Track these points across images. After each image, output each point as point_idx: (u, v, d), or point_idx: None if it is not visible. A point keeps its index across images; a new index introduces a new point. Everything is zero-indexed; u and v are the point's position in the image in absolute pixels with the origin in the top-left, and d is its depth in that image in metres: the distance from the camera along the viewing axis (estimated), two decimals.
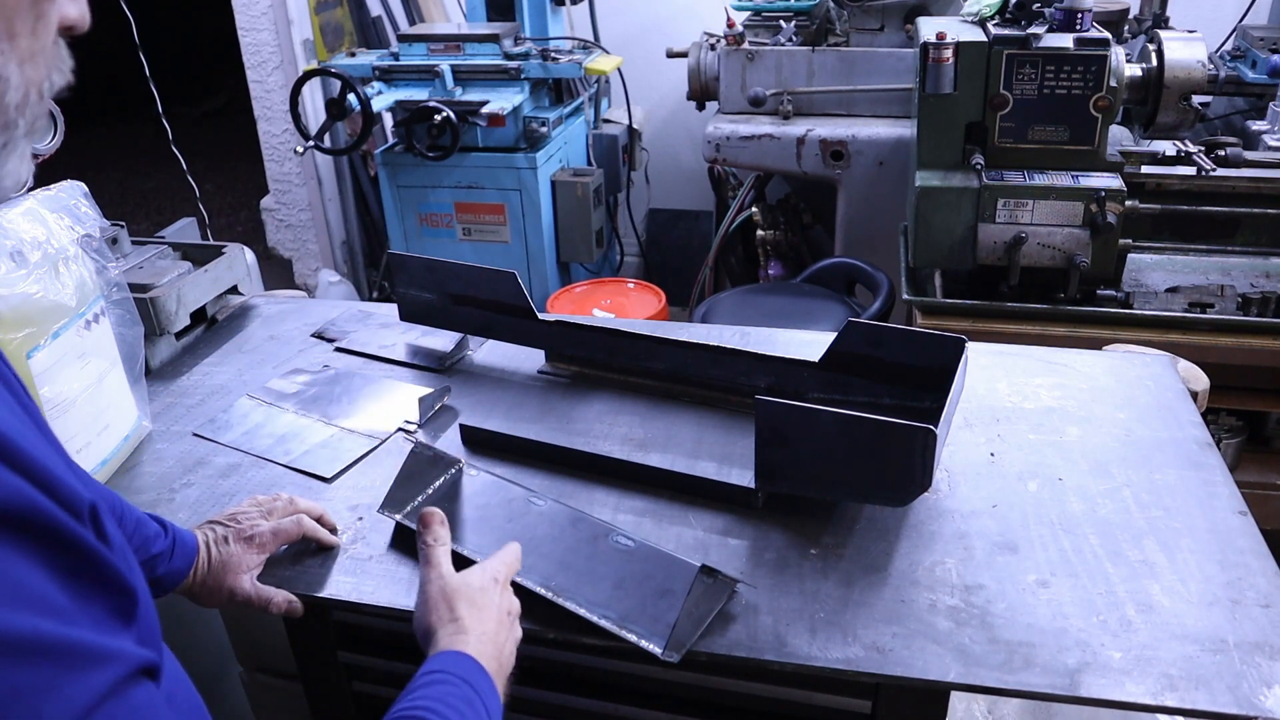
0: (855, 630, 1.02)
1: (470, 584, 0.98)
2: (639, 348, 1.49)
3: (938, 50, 2.18)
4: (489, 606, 0.97)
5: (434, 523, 1.04)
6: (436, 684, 0.86)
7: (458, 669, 0.88)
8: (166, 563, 1.06)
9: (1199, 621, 1.02)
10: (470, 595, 0.97)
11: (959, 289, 2.43)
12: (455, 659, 0.90)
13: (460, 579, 0.99)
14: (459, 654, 0.91)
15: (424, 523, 1.04)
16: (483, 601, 0.97)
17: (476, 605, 0.96)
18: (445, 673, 0.87)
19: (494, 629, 0.95)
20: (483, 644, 0.93)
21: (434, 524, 1.04)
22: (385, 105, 3.28)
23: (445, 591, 0.97)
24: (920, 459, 1.08)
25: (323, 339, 1.71)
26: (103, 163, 6.41)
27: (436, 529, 1.04)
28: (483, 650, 0.92)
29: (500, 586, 1.00)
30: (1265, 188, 2.22)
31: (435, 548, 1.02)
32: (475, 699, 0.85)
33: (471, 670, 0.89)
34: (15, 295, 1.15)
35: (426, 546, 1.02)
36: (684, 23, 3.85)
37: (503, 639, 0.96)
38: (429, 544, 1.02)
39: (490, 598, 0.98)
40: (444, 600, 0.96)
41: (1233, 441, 2.32)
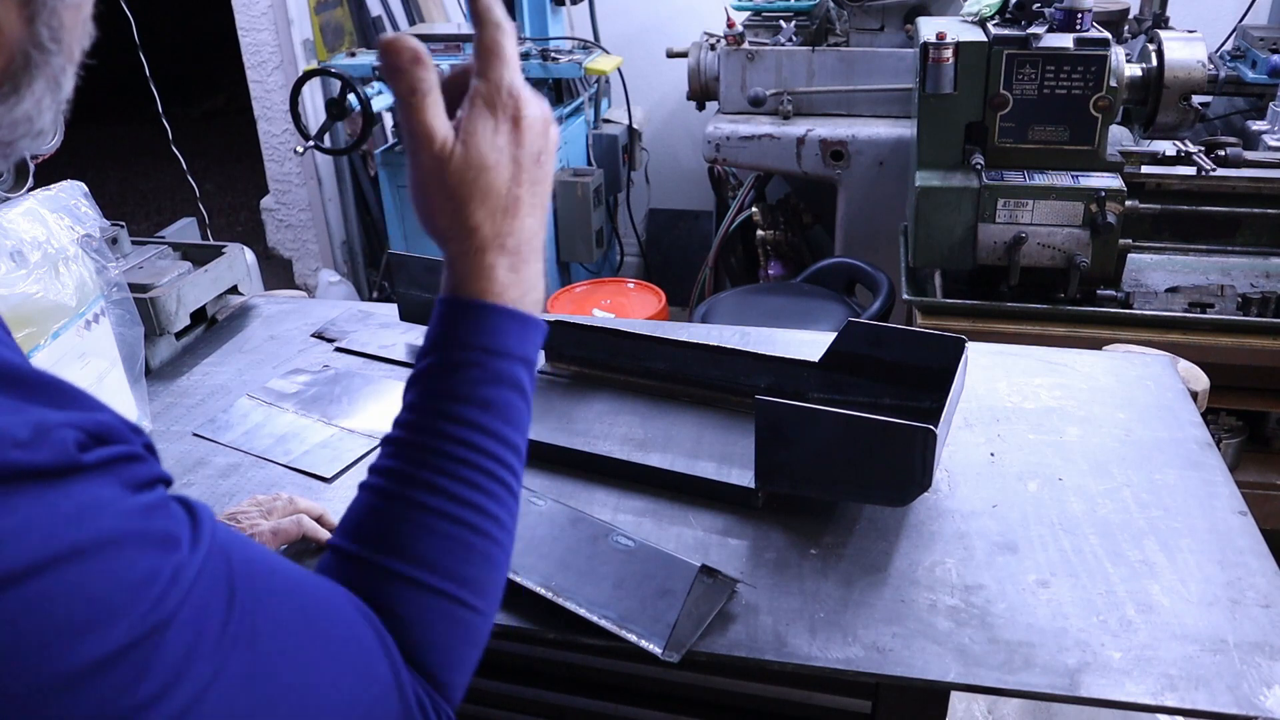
0: (855, 630, 1.02)
1: (481, 161, 0.68)
2: (639, 348, 1.49)
3: (938, 50, 2.18)
4: (511, 180, 0.69)
5: (404, 61, 0.65)
6: (460, 368, 0.68)
7: (483, 338, 0.69)
8: None
9: (1199, 621, 1.02)
10: (486, 184, 0.68)
11: (959, 289, 2.43)
12: (478, 319, 0.69)
13: (464, 156, 0.68)
14: (481, 308, 0.69)
15: (389, 65, 0.65)
16: (501, 181, 0.69)
17: (493, 193, 0.69)
18: (467, 348, 0.69)
19: (523, 214, 0.71)
20: (511, 257, 0.70)
21: (404, 64, 0.65)
22: (385, 105, 3.28)
23: (446, 184, 0.68)
24: (920, 459, 1.08)
25: (323, 339, 1.71)
26: (103, 163, 6.41)
27: (412, 72, 0.65)
28: (514, 265, 0.70)
29: (520, 125, 0.70)
30: (1265, 188, 2.22)
31: (417, 103, 0.66)
32: (507, 370, 0.69)
33: (501, 330, 0.69)
34: (15, 295, 1.15)
35: (405, 104, 0.66)
36: (684, 23, 3.85)
37: (531, 206, 0.71)
38: (406, 99, 0.66)
39: (506, 169, 0.69)
40: (448, 198, 0.68)
41: (1233, 441, 2.32)
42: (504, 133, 0.69)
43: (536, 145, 0.71)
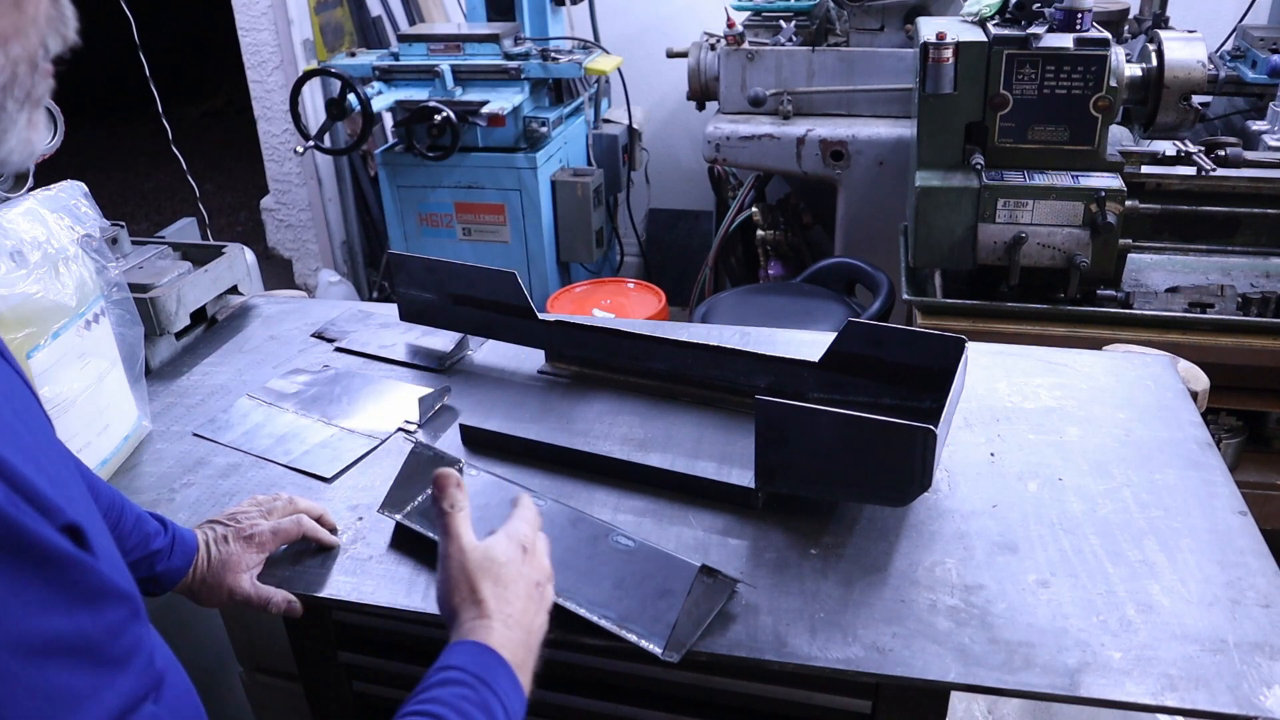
0: (855, 630, 1.02)
1: (494, 558, 0.89)
2: (639, 348, 1.49)
3: (938, 50, 2.18)
4: (515, 581, 0.89)
5: (449, 486, 0.92)
6: (451, 684, 0.80)
7: (475, 665, 0.82)
8: (166, 560, 1.06)
9: (1199, 621, 1.02)
10: (495, 571, 0.88)
11: (959, 289, 2.43)
12: (474, 653, 0.83)
13: (483, 552, 0.90)
14: (479, 647, 0.84)
15: (439, 486, 0.92)
16: (508, 576, 0.89)
17: (501, 582, 0.88)
18: (461, 670, 0.81)
19: (521, 608, 0.88)
20: (508, 629, 0.86)
21: (449, 488, 0.92)
22: (385, 105, 3.29)
23: (466, 568, 0.88)
24: (920, 459, 1.08)
25: (323, 339, 1.71)
26: (103, 163, 6.42)
27: (453, 493, 0.92)
28: (508, 637, 0.85)
29: (527, 554, 0.92)
30: (1265, 188, 2.22)
31: (453, 515, 0.91)
32: (492, 701, 0.80)
33: (490, 666, 0.82)
34: (15, 295, 1.15)
35: (443, 515, 0.91)
36: (684, 23, 3.86)
37: (530, 615, 0.89)
38: (446, 511, 0.91)
39: (515, 570, 0.90)
40: (465, 579, 0.88)
41: (1233, 441, 2.32)
42: (514, 549, 0.92)
43: (538, 575, 0.92)
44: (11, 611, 0.51)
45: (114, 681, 0.56)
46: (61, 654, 0.53)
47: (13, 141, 0.61)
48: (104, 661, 0.56)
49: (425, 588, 1.12)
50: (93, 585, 0.57)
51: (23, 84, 0.60)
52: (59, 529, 0.56)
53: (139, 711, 0.58)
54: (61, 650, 0.54)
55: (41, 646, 0.52)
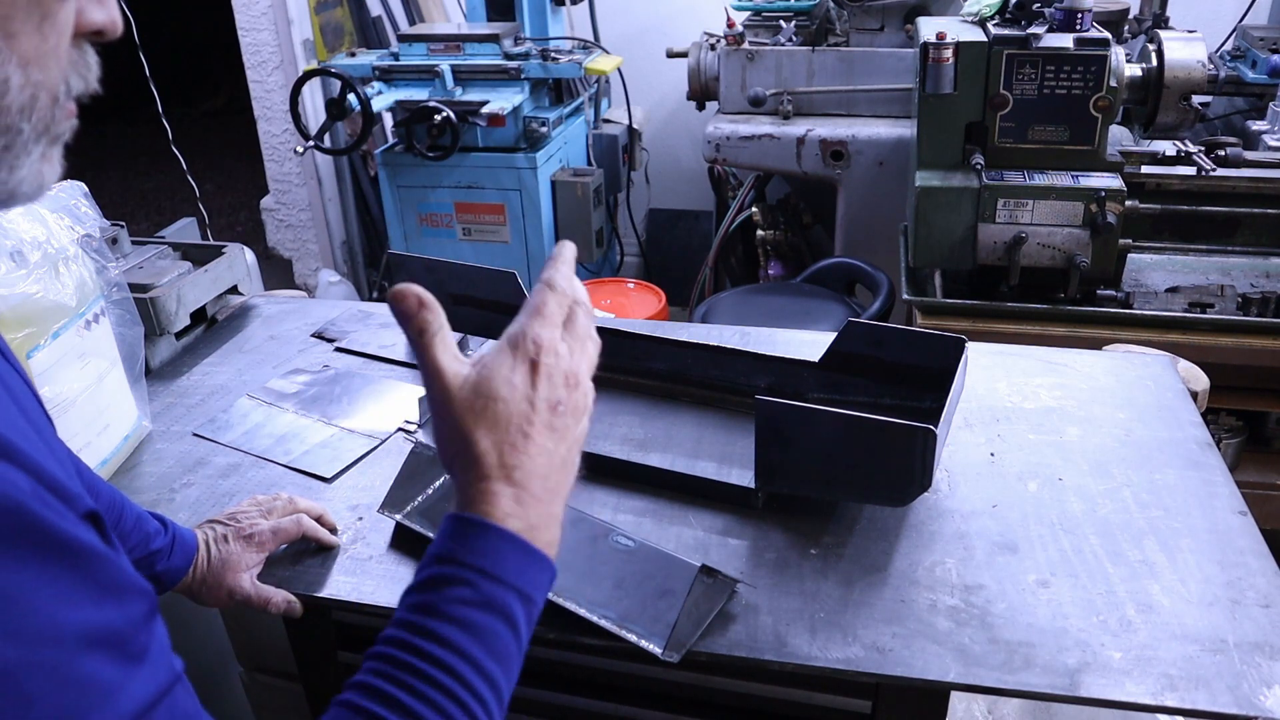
0: (855, 630, 1.02)
1: (487, 392, 0.69)
2: (639, 348, 1.49)
3: (938, 50, 2.18)
4: (521, 417, 0.70)
5: (410, 307, 0.69)
6: (448, 584, 0.67)
7: (476, 556, 0.67)
8: (165, 560, 1.06)
9: (1199, 621, 1.02)
10: (491, 411, 0.69)
11: (959, 289, 2.43)
12: (476, 536, 0.68)
13: (471, 387, 0.70)
14: (481, 526, 0.68)
15: (399, 312, 0.69)
16: (510, 414, 0.69)
17: (499, 424, 0.69)
18: (459, 564, 0.67)
19: (533, 450, 0.70)
20: (514, 486, 0.69)
21: (411, 309, 0.69)
22: (385, 105, 3.29)
23: (454, 412, 0.70)
24: (920, 459, 1.08)
25: (323, 339, 1.71)
26: (103, 163, 6.42)
27: (421, 316, 0.69)
28: (521, 499, 0.69)
29: (536, 369, 0.71)
30: (1265, 188, 2.22)
31: (426, 342, 0.70)
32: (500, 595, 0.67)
33: (497, 552, 0.68)
34: (15, 295, 1.15)
35: (416, 345, 0.70)
36: (684, 23, 3.85)
37: (546, 457, 0.71)
38: (415, 340, 0.70)
39: (520, 401, 0.70)
40: (455, 425, 0.70)
41: (1233, 441, 2.32)
42: (520, 373, 0.70)
43: (555, 394, 0.72)
44: (42, 603, 0.51)
45: (141, 673, 0.56)
46: (91, 646, 0.53)
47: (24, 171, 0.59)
48: (130, 654, 0.56)
49: None
50: (116, 578, 0.57)
51: (42, 114, 0.59)
52: (81, 516, 0.56)
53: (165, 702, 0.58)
54: (90, 642, 0.54)
55: (72, 639, 0.52)
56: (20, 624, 0.50)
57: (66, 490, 0.56)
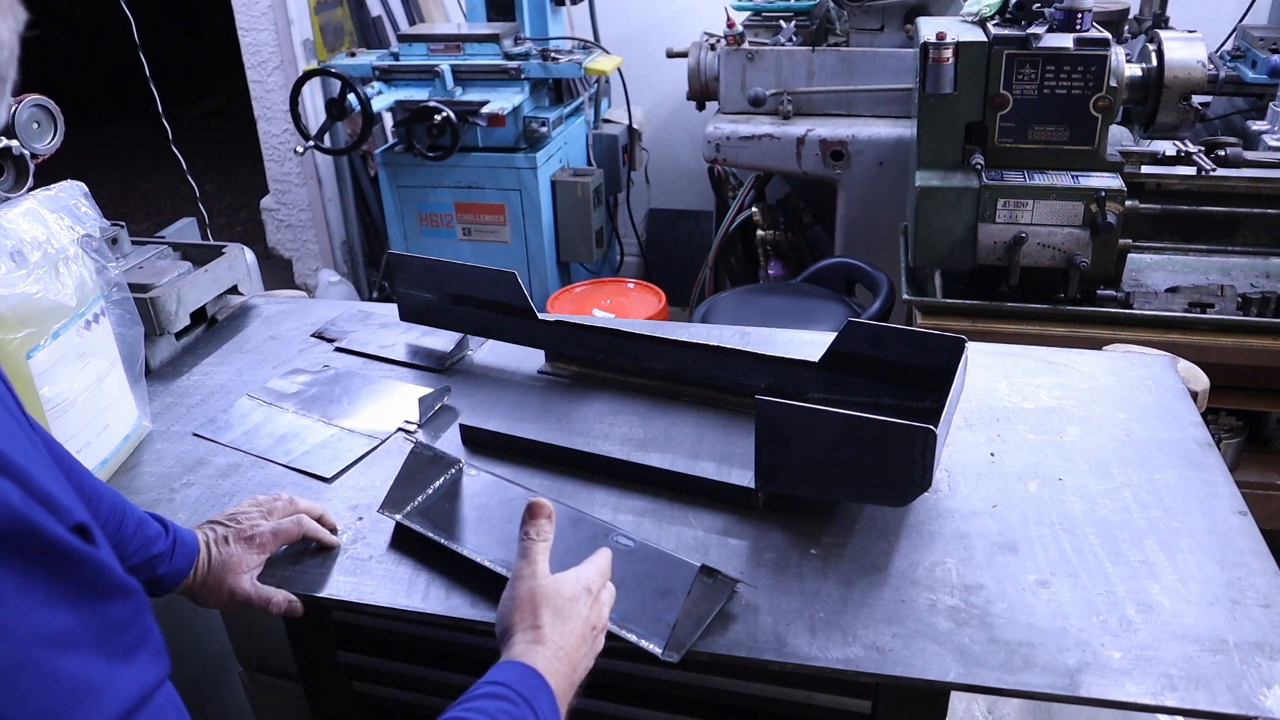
0: (855, 630, 1.02)
1: (561, 592, 0.94)
2: (639, 348, 1.49)
3: (938, 50, 2.18)
4: (575, 619, 0.94)
5: (540, 516, 0.98)
6: (496, 698, 0.84)
7: (521, 685, 0.86)
8: (167, 562, 1.06)
9: (1199, 621, 1.02)
10: (558, 605, 0.93)
11: (959, 289, 2.43)
12: (522, 672, 0.87)
13: (553, 584, 0.95)
14: (527, 668, 0.88)
15: (530, 514, 0.99)
16: (570, 613, 0.94)
17: (562, 616, 0.93)
18: (508, 687, 0.85)
19: (574, 644, 0.92)
20: (557, 660, 0.90)
21: (540, 517, 0.98)
22: (385, 105, 3.28)
23: (534, 594, 0.94)
24: (920, 459, 1.08)
25: (323, 339, 1.71)
26: (103, 163, 6.41)
27: (542, 524, 0.98)
28: (555, 667, 0.89)
29: (592, 598, 0.96)
30: (1265, 188, 2.22)
31: (536, 543, 0.97)
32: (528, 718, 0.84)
33: (535, 688, 0.86)
34: (15, 295, 1.15)
35: (528, 540, 0.97)
36: (684, 23, 3.85)
37: (580, 655, 0.93)
38: (530, 538, 0.97)
39: (578, 609, 0.94)
40: (530, 603, 0.93)
41: (1233, 441, 2.32)
42: (582, 591, 0.96)
43: (597, 620, 0.97)
44: (24, 605, 0.53)
45: (128, 671, 0.58)
46: (75, 646, 0.55)
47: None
48: (116, 653, 0.58)
49: (425, 588, 1.12)
50: (100, 580, 0.58)
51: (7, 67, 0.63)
52: (69, 529, 0.58)
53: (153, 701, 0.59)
54: (74, 642, 0.55)
55: (55, 639, 0.54)
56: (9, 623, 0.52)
57: (55, 502, 0.57)
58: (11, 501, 0.53)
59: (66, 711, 0.53)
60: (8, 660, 0.51)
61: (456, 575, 1.13)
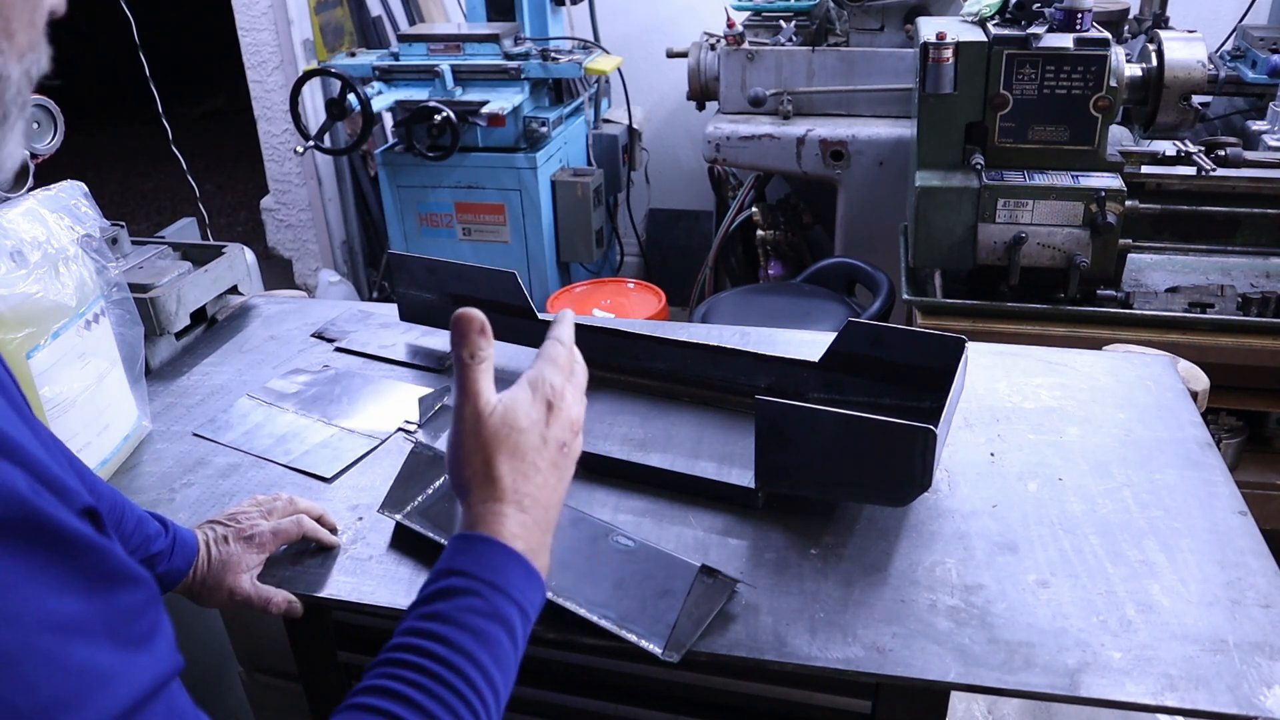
0: (855, 630, 1.02)
1: (515, 423, 0.78)
2: (639, 348, 1.49)
3: (938, 50, 2.18)
4: (537, 449, 0.79)
5: (472, 330, 0.78)
6: (455, 594, 0.72)
7: (484, 567, 0.73)
8: (167, 561, 1.06)
9: (1199, 621, 1.02)
10: (514, 441, 0.78)
11: (959, 289, 2.43)
12: (485, 550, 0.74)
13: (502, 416, 0.78)
14: (489, 541, 0.75)
15: (459, 330, 0.78)
16: (528, 445, 0.78)
17: (519, 453, 0.78)
18: (467, 576, 0.73)
19: (541, 481, 0.78)
20: (523, 512, 0.77)
21: (472, 332, 0.78)
22: (385, 105, 3.29)
23: (481, 436, 0.77)
24: (920, 459, 1.08)
25: (323, 339, 1.71)
26: (103, 163, 6.42)
27: (475, 340, 0.78)
28: (523, 522, 0.76)
29: (552, 411, 0.80)
30: (1265, 188, 2.22)
31: (473, 367, 0.78)
32: (504, 607, 0.72)
33: (502, 564, 0.74)
34: (15, 295, 1.15)
35: (463, 365, 0.78)
36: (684, 23, 3.85)
37: (551, 488, 0.79)
38: (466, 362, 0.78)
39: (538, 436, 0.79)
40: (479, 450, 0.78)
41: (1233, 441, 2.32)
42: (538, 409, 0.80)
43: (563, 435, 0.81)
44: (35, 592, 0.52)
45: (141, 660, 0.57)
46: (86, 634, 0.54)
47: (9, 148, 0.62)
48: (128, 641, 0.57)
49: None
50: (110, 568, 0.57)
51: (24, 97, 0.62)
52: (78, 513, 0.57)
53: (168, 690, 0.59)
54: (86, 630, 0.54)
55: (66, 626, 0.53)
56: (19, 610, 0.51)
57: (63, 485, 0.56)
58: (19, 488, 0.53)
59: (77, 699, 0.52)
60: (17, 647, 0.50)
61: None
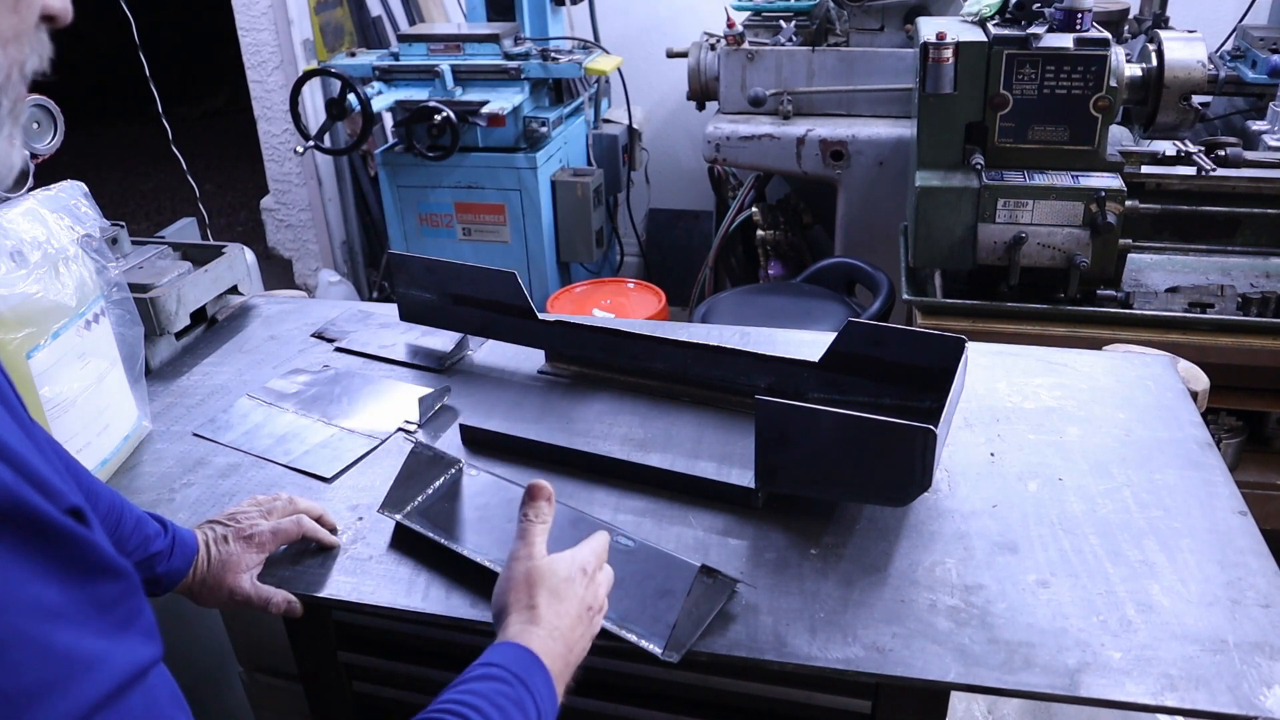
0: (855, 630, 1.02)
1: (557, 572, 0.94)
2: (639, 348, 1.49)
3: (938, 50, 2.18)
4: (570, 599, 0.93)
5: (540, 498, 0.98)
6: (491, 679, 0.83)
7: (517, 665, 0.85)
8: (166, 561, 1.06)
9: (1199, 621, 1.02)
10: (554, 585, 0.93)
11: (959, 289, 2.43)
12: (517, 654, 0.87)
13: (548, 564, 0.94)
14: (522, 649, 0.87)
15: (530, 495, 0.99)
16: (565, 593, 0.93)
17: (558, 596, 0.92)
18: (502, 668, 0.84)
19: (569, 624, 0.92)
20: (553, 640, 0.90)
21: (540, 499, 0.98)
22: (385, 105, 3.28)
23: (530, 574, 0.93)
24: (920, 459, 1.08)
25: (323, 339, 1.71)
26: (103, 163, 6.41)
27: (541, 505, 0.98)
28: (550, 648, 0.89)
29: (587, 579, 0.96)
30: (1265, 188, 2.22)
31: (534, 525, 0.97)
32: (527, 700, 0.83)
33: (530, 668, 0.86)
34: (15, 295, 1.15)
35: (526, 521, 0.97)
36: (684, 23, 3.85)
37: (576, 635, 0.93)
38: (529, 519, 0.97)
39: (574, 590, 0.94)
40: (526, 584, 0.93)
41: (1233, 441, 2.32)
42: (577, 571, 0.95)
43: (593, 600, 0.96)
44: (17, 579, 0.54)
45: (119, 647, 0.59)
46: (69, 620, 0.56)
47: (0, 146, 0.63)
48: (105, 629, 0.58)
49: (425, 588, 1.12)
50: (90, 558, 0.59)
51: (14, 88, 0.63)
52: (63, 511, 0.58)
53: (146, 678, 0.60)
54: (68, 617, 0.56)
55: (50, 612, 0.55)
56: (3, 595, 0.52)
57: (49, 485, 0.58)
58: (3, 479, 0.54)
59: (60, 683, 0.54)
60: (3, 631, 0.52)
61: (456, 575, 1.13)
